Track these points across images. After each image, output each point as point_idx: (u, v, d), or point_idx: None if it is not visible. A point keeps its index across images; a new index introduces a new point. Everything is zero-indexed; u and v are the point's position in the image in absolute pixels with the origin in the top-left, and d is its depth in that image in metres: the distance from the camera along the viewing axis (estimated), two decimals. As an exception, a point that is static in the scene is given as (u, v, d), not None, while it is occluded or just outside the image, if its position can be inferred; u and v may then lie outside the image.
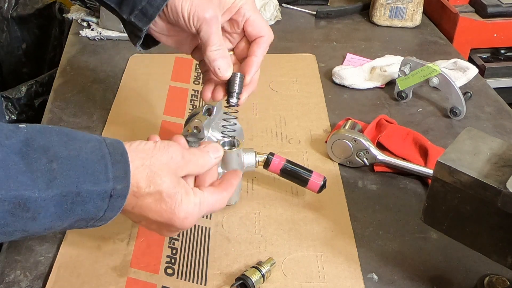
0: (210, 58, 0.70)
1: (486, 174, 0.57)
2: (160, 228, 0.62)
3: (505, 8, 1.37)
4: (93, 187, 0.54)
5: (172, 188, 0.59)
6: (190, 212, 0.60)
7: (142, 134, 0.95)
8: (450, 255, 0.74)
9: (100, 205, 0.55)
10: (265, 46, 0.73)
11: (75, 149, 0.54)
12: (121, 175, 0.55)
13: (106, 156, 0.55)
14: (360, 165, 0.88)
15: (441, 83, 1.00)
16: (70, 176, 0.53)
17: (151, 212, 0.59)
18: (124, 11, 0.71)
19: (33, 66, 1.73)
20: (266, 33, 0.72)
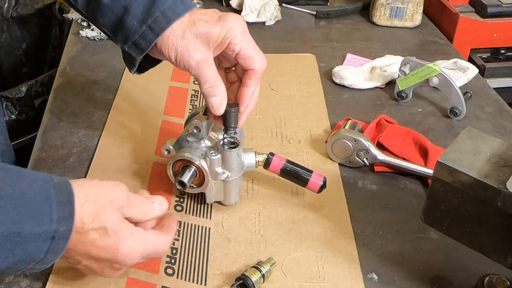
0: (204, 95, 0.72)
1: (486, 174, 0.57)
2: (102, 266, 0.61)
3: (505, 8, 1.37)
4: (35, 228, 0.53)
5: (117, 225, 0.59)
6: (134, 248, 0.61)
7: (142, 134, 0.95)
8: (450, 255, 0.74)
9: (41, 247, 0.54)
10: (256, 77, 0.74)
11: (21, 188, 0.54)
12: (65, 216, 0.55)
13: (52, 196, 0.55)
14: (360, 165, 0.88)
15: (441, 83, 1.00)
16: (13, 216, 0.52)
17: (94, 248, 0.58)
18: (118, 40, 0.72)
19: (33, 66, 1.73)
20: (256, 66, 0.73)
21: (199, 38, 0.69)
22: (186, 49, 0.69)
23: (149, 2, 0.70)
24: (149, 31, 0.69)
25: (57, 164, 0.88)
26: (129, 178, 0.85)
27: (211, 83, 0.71)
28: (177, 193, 0.82)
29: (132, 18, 0.70)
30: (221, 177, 0.76)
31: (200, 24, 0.69)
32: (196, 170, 0.76)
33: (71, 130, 0.96)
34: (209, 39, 0.69)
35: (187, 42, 0.69)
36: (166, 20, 0.69)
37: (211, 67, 0.71)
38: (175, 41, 0.69)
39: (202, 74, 0.70)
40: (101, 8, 0.71)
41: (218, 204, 0.80)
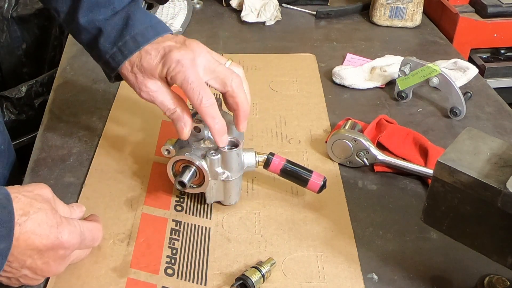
0: None
1: (486, 174, 0.57)
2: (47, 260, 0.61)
3: (505, 8, 1.37)
4: None
5: (51, 209, 0.61)
6: (73, 227, 0.63)
7: (142, 134, 0.95)
8: (450, 255, 0.74)
9: None
10: (241, 117, 0.76)
11: None
12: (4, 234, 0.56)
13: None
14: (360, 165, 0.88)
15: (441, 83, 1.00)
16: None
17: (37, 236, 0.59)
18: (93, 56, 0.80)
19: (33, 66, 1.73)
20: (239, 108, 0.75)
21: (146, 73, 0.73)
22: (135, 82, 0.74)
23: (122, 26, 0.75)
24: (118, 53, 0.74)
25: (57, 164, 0.88)
26: (129, 178, 0.85)
27: (170, 110, 0.74)
28: (177, 193, 0.82)
29: (105, 40, 0.75)
30: (221, 177, 0.76)
31: (146, 59, 0.73)
32: (196, 170, 0.76)
33: (71, 130, 0.96)
34: (154, 74, 0.73)
35: (135, 76, 0.74)
36: (135, 44, 0.74)
37: (164, 95, 0.73)
38: (126, 74, 0.75)
39: (158, 104, 0.74)
40: (78, 27, 0.77)
41: (218, 204, 0.80)
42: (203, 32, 1.32)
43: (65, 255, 0.63)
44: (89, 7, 0.76)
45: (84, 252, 0.69)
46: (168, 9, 1.38)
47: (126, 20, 0.75)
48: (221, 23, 1.38)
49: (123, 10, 0.76)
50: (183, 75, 0.71)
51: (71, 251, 0.64)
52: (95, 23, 0.76)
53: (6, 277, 0.62)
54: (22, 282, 0.63)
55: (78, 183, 0.84)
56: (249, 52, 1.24)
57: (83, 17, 0.76)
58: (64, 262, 0.64)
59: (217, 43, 1.28)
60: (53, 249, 0.61)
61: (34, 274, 0.62)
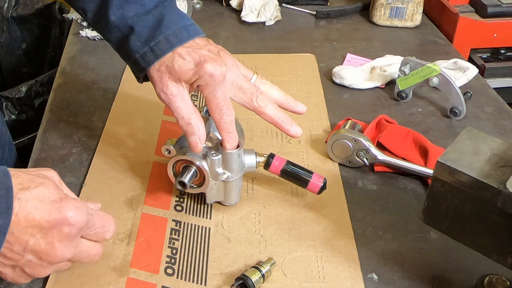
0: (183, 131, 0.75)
1: (486, 174, 0.57)
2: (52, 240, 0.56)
3: (505, 8, 1.36)
4: None
5: (54, 184, 0.57)
6: (79, 204, 0.58)
7: (142, 134, 0.95)
8: (450, 255, 0.74)
9: None
10: (282, 127, 0.77)
11: None
12: (3, 210, 0.52)
13: None
14: (360, 165, 0.88)
15: (441, 83, 1.00)
16: None
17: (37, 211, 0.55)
18: (122, 56, 0.77)
19: (33, 66, 1.73)
20: (274, 121, 0.76)
21: (173, 75, 0.72)
22: (159, 81, 0.73)
23: (155, 25, 0.72)
24: (150, 52, 0.72)
25: (57, 164, 0.88)
26: (129, 178, 0.85)
27: (184, 120, 0.72)
28: (177, 193, 0.82)
29: (136, 38, 0.72)
30: (221, 177, 0.76)
31: (178, 62, 0.71)
32: (197, 170, 0.76)
33: (71, 130, 0.96)
34: (181, 78, 0.72)
35: (161, 75, 0.72)
36: (168, 45, 0.72)
37: (183, 102, 0.72)
38: (153, 71, 0.73)
39: (174, 109, 0.73)
40: (108, 25, 0.74)
41: (218, 204, 0.80)
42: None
43: (71, 235, 0.58)
44: (119, 4, 0.73)
45: (94, 247, 0.63)
46: (168, 9, 1.38)
47: (160, 19, 0.73)
48: (221, 23, 1.38)
49: (156, 9, 0.74)
50: (212, 88, 0.71)
51: (77, 231, 0.58)
52: (127, 20, 0.73)
53: (10, 267, 0.57)
54: (28, 273, 0.58)
55: (78, 183, 0.84)
56: (249, 52, 1.24)
57: (113, 14, 0.73)
58: (71, 244, 0.58)
59: (217, 43, 1.26)
60: (57, 226, 0.56)
61: (39, 259, 0.57)
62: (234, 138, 0.74)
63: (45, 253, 0.57)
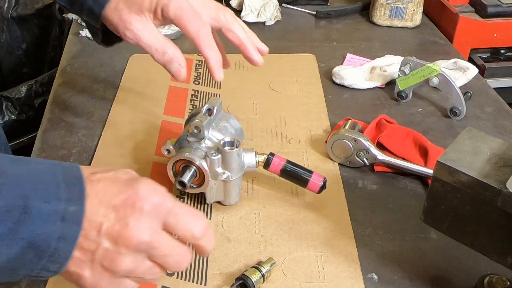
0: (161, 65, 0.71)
1: (486, 174, 0.57)
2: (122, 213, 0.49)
3: (505, 8, 1.36)
4: (42, 204, 0.47)
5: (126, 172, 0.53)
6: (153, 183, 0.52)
7: (142, 134, 0.95)
8: (450, 255, 0.74)
9: (51, 230, 0.47)
10: (248, 49, 0.74)
11: (25, 169, 0.49)
12: (75, 197, 0.48)
13: (59, 176, 0.49)
14: (360, 165, 0.88)
15: (441, 83, 1.00)
16: (17, 190, 0.46)
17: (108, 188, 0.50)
18: (76, 10, 0.73)
19: (33, 66, 1.73)
20: (241, 40, 0.72)
21: (132, 8, 0.68)
22: (119, 21, 0.68)
23: None
24: None
25: (57, 164, 0.88)
26: (129, 178, 0.85)
27: (158, 52, 0.68)
28: (177, 193, 0.82)
29: None
30: (221, 177, 0.76)
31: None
32: (196, 170, 0.76)
33: (71, 130, 0.96)
34: (141, 8, 0.68)
35: (119, 13, 0.68)
36: None
37: (151, 34, 0.68)
38: (110, 14, 0.69)
39: (145, 45, 0.68)
40: None
41: (218, 204, 0.80)
42: (203, 32, 1.32)
43: (144, 211, 0.50)
44: None
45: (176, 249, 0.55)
46: (168, 9, 1.38)
47: None
48: (221, 23, 1.38)
49: None
50: (176, 2, 0.67)
51: (151, 207, 0.50)
52: None
53: (89, 265, 0.50)
54: (108, 268, 0.50)
55: (78, 183, 0.84)
56: (249, 52, 1.23)
57: None
58: (147, 225, 0.50)
59: (217, 43, 1.27)
60: (128, 201, 0.50)
61: (115, 244, 0.49)
62: (218, 54, 0.70)
63: (120, 235, 0.49)
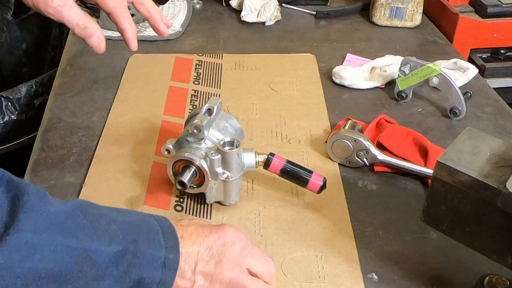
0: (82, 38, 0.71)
1: (486, 174, 0.57)
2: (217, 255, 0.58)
3: (505, 8, 1.36)
4: (149, 250, 0.54)
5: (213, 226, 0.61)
6: (236, 231, 0.61)
7: (142, 134, 0.95)
8: (450, 255, 0.74)
9: (154, 276, 0.54)
10: (157, 21, 0.77)
11: (128, 216, 0.56)
12: (172, 244, 0.55)
13: (156, 225, 0.56)
14: (360, 165, 0.88)
15: (441, 83, 1.00)
16: (129, 235, 0.53)
17: (200, 232, 0.58)
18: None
19: (33, 66, 1.73)
20: (151, 13, 0.76)
21: None
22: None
23: None
24: None
25: (57, 164, 0.88)
26: (129, 178, 0.85)
27: (80, 26, 0.69)
28: (177, 193, 0.82)
29: None
30: (221, 177, 0.76)
31: None
32: (196, 170, 0.76)
33: (71, 130, 0.96)
34: None
35: None
36: None
37: (73, 10, 0.69)
38: None
39: (66, 20, 0.69)
40: None
41: (218, 204, 0.80)
42: (203, 32, 1.32)
43: (234, 248, 0.60)
44: None
45: None
46: (168, 9, 1.39)
47: None
48: (221, 23, 1.38)
49: None
50: None
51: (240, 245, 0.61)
52: None
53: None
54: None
55: (78, 183, 0.84)
56: (249, 52, 1.24)
57: None
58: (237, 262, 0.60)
59: (217, 43, 1.28)
60: (220, 240, 0.59)
61: (210, 281, 0.58)
62: (133, 26, 0.73)
63: (214, 271, 0.58)
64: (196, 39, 1.29)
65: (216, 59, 1.19)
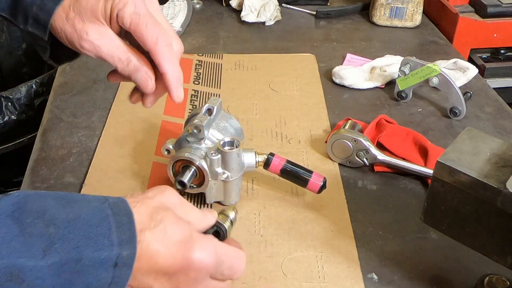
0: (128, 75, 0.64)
1: (486, 174, 0.57)
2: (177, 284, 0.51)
3: (505, 8, 1.37)
4: (95, 253, 0.46)
5: (176, 221, 0.51)
6: (205, 246, 0.51)
7: (142, 134, 0.95)
8: (450, 255, 0.74)
9: (104, 277, 0.47)
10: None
11: (74, 212, 0.47)
12: (127, 239, 0.48)
13: (109, 217, 0.48)
14: (360, 165, 0.88)
15: (441, 83, 1.00)
16: (70, 240, 0.46)
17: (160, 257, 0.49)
18: (19, 21, 0.64)
19: (33, 66, 1.73)
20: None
21: (85, 16, 0.60)
22: (74, 32, 0.60)
23: None
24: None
25: (57, 164, 0.88)
26: (129, 178, 0.85)
27: (122, 61, 0.61)
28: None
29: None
30: (221, 177, 0.76)
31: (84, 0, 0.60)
32: (196, 170, 0.76)
33: (71, 130, 0.96)
34: (96, 14, 0.60)
35: (72, 23, 0.60)
36: None
37: (111, 43, 0.61)
38: (61, 25, 0.61)
39: (105, 56, 0.61)
40: None
41: (218, 204, 0.80)
42: (203, 32, 1.32)
43: (198, 279, 0.52)
44: None
45: (221, 285, 0.56)
46: (168, 9, 1.38)
47: None
48: (221, 23, 1.38)
49: None
50: (133, 6, 0.59)
51: (204, 275, 0.52)
52: None
53: None
54: None
55: (78, 183, 0.84)
56: (249, 52, 1.24)
57: None
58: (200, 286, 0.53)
59: (217, 43, 1.28)
60: (182, 271, 0.51)
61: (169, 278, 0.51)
62: (178, 71, 0.63)
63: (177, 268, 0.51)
64: (196, 39, 1.29)
65: (216, 59, 1.19)
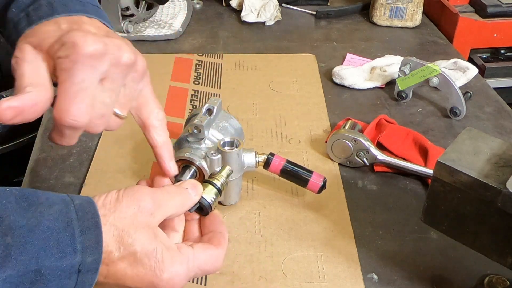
0: None
1: (486, 174, 0.57)
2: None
3: (505, 8, 1.37)
4: (56, 262, 0.44)
5: (147, 245, 0.49)
6: (176, 271, 0.50)
7: (142, 134, 0.95)
8: (450, 255, 0.74)
9: (67, 284, 0.45)
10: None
11: (35, 217, 0.45)
12: (92, 244, 0.46)
13: (74, 222, 0.46)
14: (360, 165, 0.88)
15: (441, 83, 1.00)
16: (28, 250, 0.43)
17: (128, 279, 0.49)
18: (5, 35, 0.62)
19: (33, 66, 1.72)
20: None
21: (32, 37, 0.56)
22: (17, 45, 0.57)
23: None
24: (24, 18, 0.57)
25: (57, 164, 0.88)
26: (129, 178, 0.85)
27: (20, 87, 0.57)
28: (177, 193, 0.82)
29: (16, 5, 0.58)
30: (221, 177, 0.76)
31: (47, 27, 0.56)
32: (196, 170, 0.75)
33: (71, 130, 0.96)
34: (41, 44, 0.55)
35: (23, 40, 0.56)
36: (50, 11, 0.56)
37: (30, 68, 0.58)
38: None
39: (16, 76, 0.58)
40: None
41: (218, 204, 0.80)
42: (203, 32, 1.32)
43: None
44: None
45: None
46: (168, 9, 1.38)
47: None
48: (221, 23, 1.38)
49: None
50: (72, 65, 0.52)
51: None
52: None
53: None
54: None
55: (78, 183, 0.84)
56: (249, 52, 1.24)
57: None
58: None
59: (217, 43, 1.28)
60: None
61: None
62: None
63: None
64: (196, 39, 1.29)
65: (216, 59, 1.19)
